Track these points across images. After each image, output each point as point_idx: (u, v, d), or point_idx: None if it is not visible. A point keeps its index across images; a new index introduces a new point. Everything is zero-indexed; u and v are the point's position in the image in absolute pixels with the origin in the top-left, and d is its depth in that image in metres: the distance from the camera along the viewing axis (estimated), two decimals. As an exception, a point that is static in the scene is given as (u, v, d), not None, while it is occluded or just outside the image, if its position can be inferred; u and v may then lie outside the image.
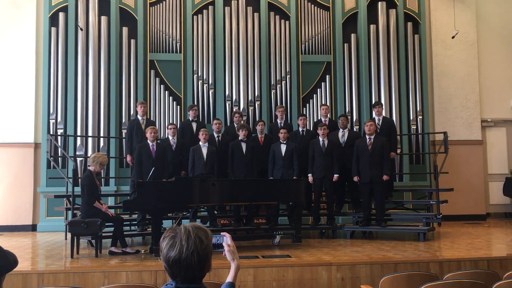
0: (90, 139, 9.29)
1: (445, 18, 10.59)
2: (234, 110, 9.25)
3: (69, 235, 6.42)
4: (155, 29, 9.80)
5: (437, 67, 10.58)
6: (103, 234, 6.36)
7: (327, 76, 10.10)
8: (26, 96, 9.53)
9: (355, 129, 9.56)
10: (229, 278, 2.15)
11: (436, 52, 10.60)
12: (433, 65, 10.57)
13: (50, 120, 9.32)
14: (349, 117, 9.40)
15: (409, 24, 10.31)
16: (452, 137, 9.82)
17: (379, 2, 10.23)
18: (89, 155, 8.49)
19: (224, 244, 2.13)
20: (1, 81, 9.50)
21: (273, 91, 9.87)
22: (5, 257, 1.43)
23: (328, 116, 8.65)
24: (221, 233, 2.15)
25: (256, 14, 9.97)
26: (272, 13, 10.05)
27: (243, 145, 7.61)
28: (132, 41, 9.70)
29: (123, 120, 9.47)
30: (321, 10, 10.23)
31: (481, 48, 10.80)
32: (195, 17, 9.88)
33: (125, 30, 9.74)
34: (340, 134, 8.17)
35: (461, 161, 10.22)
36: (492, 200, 10.71)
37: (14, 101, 9.49)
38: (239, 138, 7.66)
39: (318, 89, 10.08)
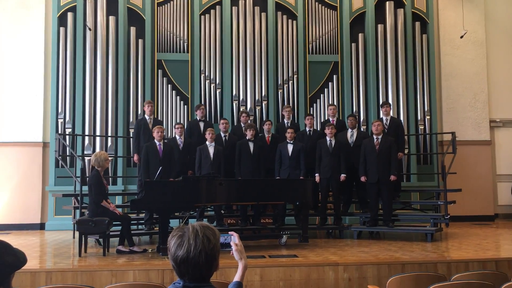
0: (98, 139, 9.34)
1: (453, 18, 10.53)
2: (241, 109, 9.26)
3: (77, 233, 6.47)
4: (163, 29, 9.83)
5: (445, 67, 10.52)
6: (111, 233, 6.39)
7: (334, 76, 10.09)
8: (34, 95, 9.59)
9: (362, 129, 9.52)
10: (236, 278, 2.16)
11: (444, 52, 10.54)
12: (441, 65, 10.51)
13: (59, 120, 9.38)
14: (357, 117, 9.37)
15: (417, 24, 10.27)
16: (460, 137, 9.77)
17: (387, 2, 10.19)
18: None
19: (231, 243, 2.14)
20: (10, 80, 9.57)
21: (280, 91, 9.87)
22: (14, 255, 1.44)
23: (336, 116, 8.63)
24: (229, 232, 2.15)
25: (263, 14, 9.97)
26: (279, 13, 10.05)
27: (251, 145, 7.62)
28: (140, 41, 9.74)
29: (131, 120, 9.51)
30: (328, 9, 10.21)
31: (490, 48, 10.73)
32: (202, 17, 9.89)
33: (133, 30, 9.78)
34: (348, 134, 8.14)
35: (469, 162, 10.16)
36: (501, 200, 10.63)
37: (23, 101, 9.55)
38: (247, 138, 7.67)
39: (325, 89, 10.06)
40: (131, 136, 8.78)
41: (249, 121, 8.46)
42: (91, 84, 9.47)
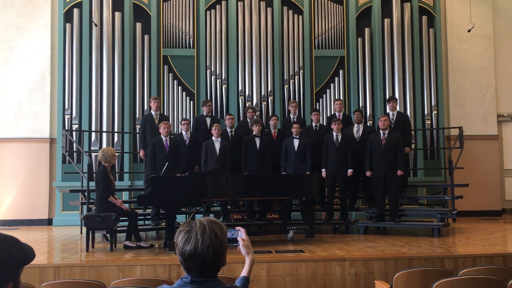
0: (104, 134, 9.38)
1: (460, 12, 10.44)
2: (247, 105, 9.25)
3: (84, 229, 6.50)
4: (169, 25, 9.82)
5: (453, 61, 10.45)
6: (118, 228, 6.41)
7: (340, 71, 10.04)
8: (41, 91, 9.63)
9: (368, 124, 9.49)
10: (243, 273, 2.16)
11: (452, 46, 10.47)
12: (448, 59, 10.44)
13: (65, 116, 9.42)
14: (363, 112, 9.33)
15: (424, 18, 10.19)
16: (467, 132, 9.71)
17: (394, -4, 10.13)
18: (103, 150, 8.55)
19: (238, 238, 2.14)
20: (17, 76, 9.62)
21: (286, 86, 9.85)
22: (23, 250, 1.45)
23: (342, 111, 8.60)
24: (236, 227, 2.16)
25: (269, 9, 9.94)
26: (285, 8, 10.01)
27: (257, 140, 7.62)
28: (146, 36, 9.74)
29: (137, 115, 9.54)
30: (334, 4, 10.16)
31: (498, 42, 10.64)
32: (208, 12, 9.88)
33: (138, 25, 9.78)
34: (355, 129, 8.12)
35: (477, 156, 10.10)
36: (508, 195, 10.57)
37: (30, 97, 9.60)
38: (253, 133, 7.67)
39: (332, 84, 10.03)
40: (138, 132, 8.81)
41: (255, 117, 8.45)
42: (98, 80, 9.49)
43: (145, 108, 9.52)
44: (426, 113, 9.98)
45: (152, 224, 7.47)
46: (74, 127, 9.36)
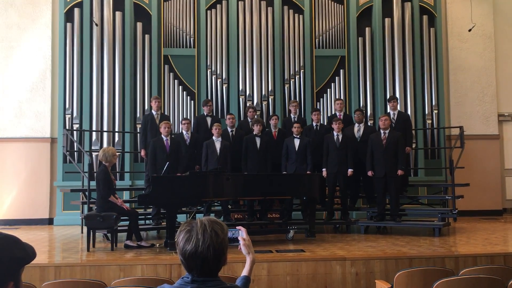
0: (105, 134, 9.38)
1: (461, 11, 10.43)
2: (248, 104, 9.25)
3: (85, 228, 6.51)
4: (169, 24, 9.83)
5: (453, 60, 10.44)
6: (119, 228, 6.41)
7: (341, 70, 10.04)
8: (42, 91, 9.64)
9: (369, 124, 9.48)
10: (244, 272, 2.16)
11: (452, 46, 10.46)
12: (449, 58, 10.43)
13: (66, 115, 9.42)
14: (364, 111, 9.32)
15: (425, 17, 10.19)
16: (468, 131, 9.69)
17: (394, -5, 10.12)
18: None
19: (239, 238, 2.14)
20: (18, 76, 9.62)
21: (286, 86, 9.84)
22: (24, 249, 1.45)
23: (343, 110, 8.60)
24: (237, 227, 2.16)
25: (269, 9, 9.93)
26: (285, 7, 10.01)
27: (258, 140, 7.62)
28: (146, 36, 9.74)
29: (138, 115, 9.54)
30: (335, 3, 10.15)
31: (498, 41, 10.63)
32: (208, 11, 9.88)
33: (139, 25, 9.79)
34: (355, 128, 8.12)
35: (478, 156, 10.10)
36: (509, 195, 10.56)
37: (31, 96, 9.61)
38: (254, 133, 7.67)
39: (332, 84, 10.03)
40: (138, 131, 8.81)
41: (255, 116, 8.45)
42: (98, 80, 9.49)
43: (146, 107, 9.52)
44: (426, 112, 9.97)
45: (152, 223, 7.47)
46: (75, 126, 9.36)
